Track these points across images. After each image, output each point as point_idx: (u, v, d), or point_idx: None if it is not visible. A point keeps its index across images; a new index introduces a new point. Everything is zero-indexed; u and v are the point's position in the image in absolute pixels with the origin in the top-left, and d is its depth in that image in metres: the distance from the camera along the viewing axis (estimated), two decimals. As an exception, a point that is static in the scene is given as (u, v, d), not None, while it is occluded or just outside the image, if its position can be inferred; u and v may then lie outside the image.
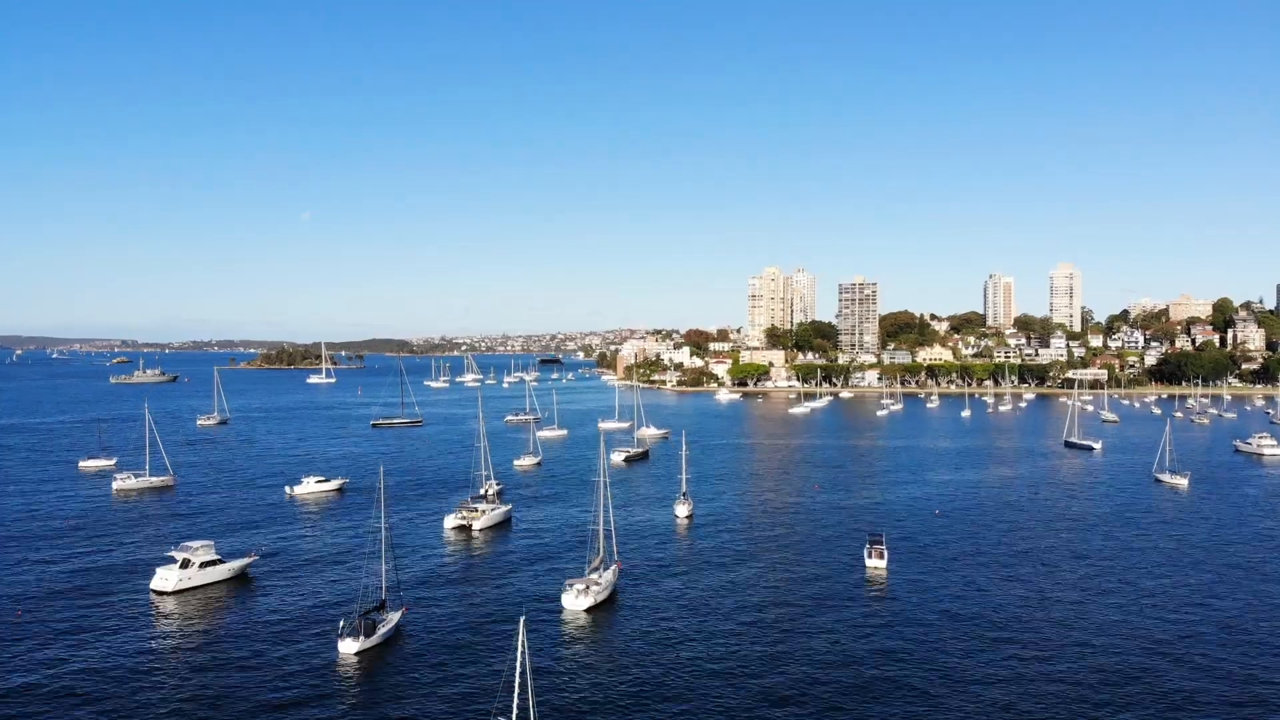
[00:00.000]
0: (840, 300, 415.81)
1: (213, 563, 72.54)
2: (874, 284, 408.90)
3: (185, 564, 71.11)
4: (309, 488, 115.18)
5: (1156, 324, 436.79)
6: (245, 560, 75.47)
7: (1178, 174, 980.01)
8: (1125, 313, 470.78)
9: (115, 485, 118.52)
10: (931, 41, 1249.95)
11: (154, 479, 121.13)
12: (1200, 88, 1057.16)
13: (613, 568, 70.80)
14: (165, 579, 69.98)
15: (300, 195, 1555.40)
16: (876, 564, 77.70)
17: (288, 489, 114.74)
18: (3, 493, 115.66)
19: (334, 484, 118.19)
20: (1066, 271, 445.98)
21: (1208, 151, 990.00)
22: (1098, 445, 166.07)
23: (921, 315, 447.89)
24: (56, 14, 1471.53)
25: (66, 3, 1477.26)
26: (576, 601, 64.42)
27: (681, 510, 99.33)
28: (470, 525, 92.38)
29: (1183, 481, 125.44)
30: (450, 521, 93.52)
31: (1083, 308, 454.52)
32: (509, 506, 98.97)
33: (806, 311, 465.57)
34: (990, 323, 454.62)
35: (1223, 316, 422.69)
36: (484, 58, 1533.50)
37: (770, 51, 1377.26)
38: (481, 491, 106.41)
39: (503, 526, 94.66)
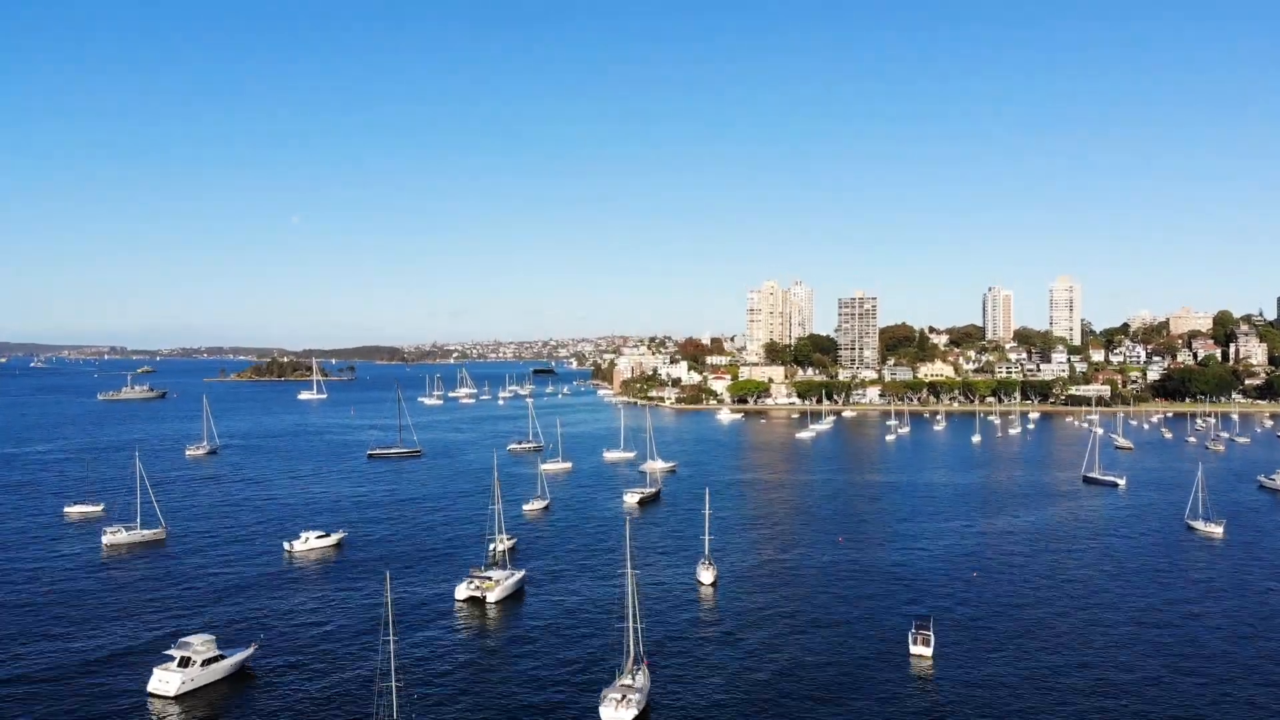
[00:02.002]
0: (840, 315, 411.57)
1: (214, 659, 67.12)
2: (874, 298, 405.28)
3: (185, 662, 65.61)
4: (308, 544, 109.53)
5: (1157, 338, 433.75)
6: (246, 653, 69.90)
7: (1177, 184, 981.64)
8: (1125, 326, 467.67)
9: (105, 540, 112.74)
10: (929, 53, 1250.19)
11: (145, 532, 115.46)
12: (1198, 95, 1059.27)
13: (643, 668, 65.53)
14: (166, 681, 64.37)
15: (290, 198, 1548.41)
16: (922, 651, 72.57)
17: (286, 546, 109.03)
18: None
19: (333, 539, 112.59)
20: (1066, 285, 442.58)
21: (1207, 161, 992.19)
22: (1121, 482, 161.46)
23: (921, 330, 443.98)
24: (44, 17, 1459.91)
25: (53, 6, 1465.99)
26: (617, 715, 59.15)
27: (706, 576, 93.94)
28: (484, 597, 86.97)
29: (1217, 530, 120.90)
30: (461, 592, 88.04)
31: (1082, 320, 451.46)
32: (522, 574, 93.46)
33: (805, 325, 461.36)
34: (990, 336, 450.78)
35: (1223, 330, 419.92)
36: (479, 60, 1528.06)
37: (766, 60, 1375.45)
38: (492, 548, 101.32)
39: (516, 597, 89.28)
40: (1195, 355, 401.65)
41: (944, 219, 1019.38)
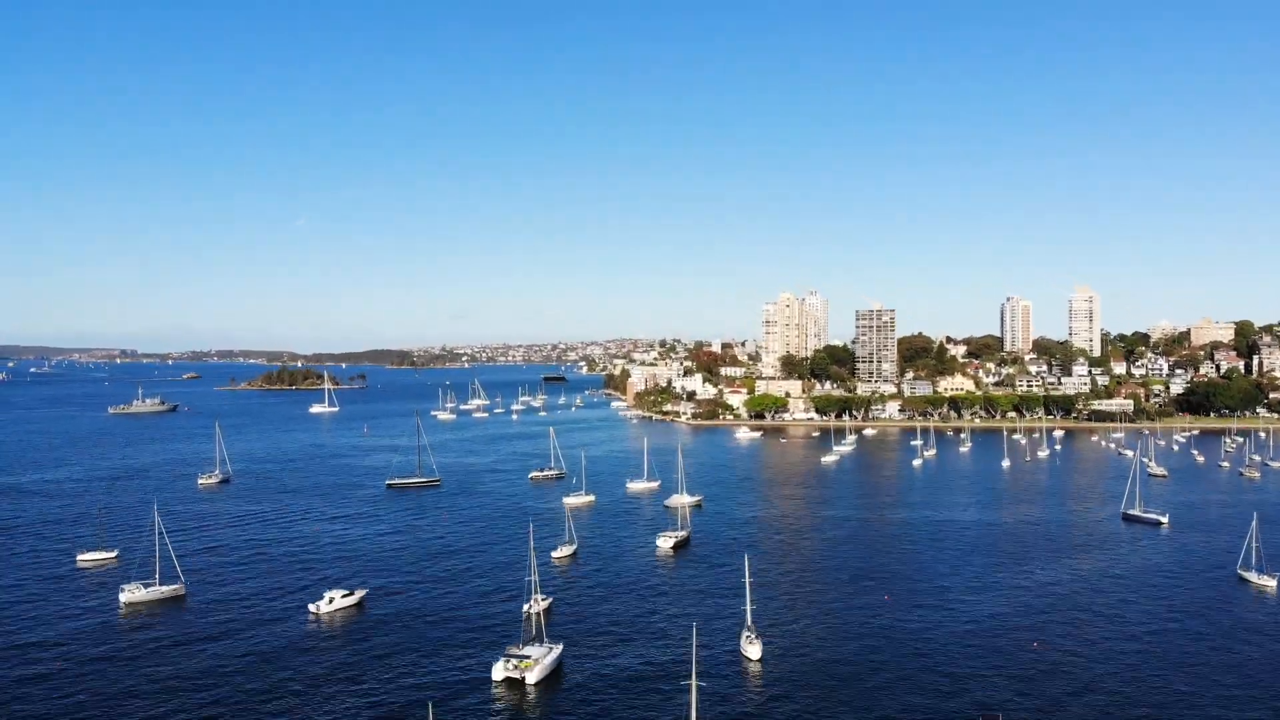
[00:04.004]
0: (857, 327, 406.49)
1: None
2: (892, 311, 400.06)
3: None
4: (334, 605, 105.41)
5: (1179, 349, 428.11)
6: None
7: (1192, 190, 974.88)
8: (1146, 336, 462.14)
9: (122, 598, 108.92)
10: (943, 60, 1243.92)
11: (163, 589, 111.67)
12: (1209, 100, 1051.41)
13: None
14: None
15: (295, 201, 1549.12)
16: (995, 754, 68.15)
17: (311, 608, 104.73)
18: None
19: (356, 597, 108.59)
20: (1085, 295, 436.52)
21: (1222, 166, 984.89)
22: (1164, 520, 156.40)
23: (939, 341, 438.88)
24: (52, 23, 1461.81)
25: (60, 10, 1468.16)
26: None
27: (752, 651, 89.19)
28: (523, 678, 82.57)
29: (1271, 583, 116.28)
30: (498, 672, 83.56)
31: (1102, 331, 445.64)
32: (560, 648, 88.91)
33: (820, 336, 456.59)
34: (1008, 347, 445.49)
35: (1245, 341, 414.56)
36: (485, 61, 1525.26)
37: (774, 62, 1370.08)
38: (527, 608, 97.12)
39: (556, 675, 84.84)
40: (1218, 367, 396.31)
41: (957, 225, 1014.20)
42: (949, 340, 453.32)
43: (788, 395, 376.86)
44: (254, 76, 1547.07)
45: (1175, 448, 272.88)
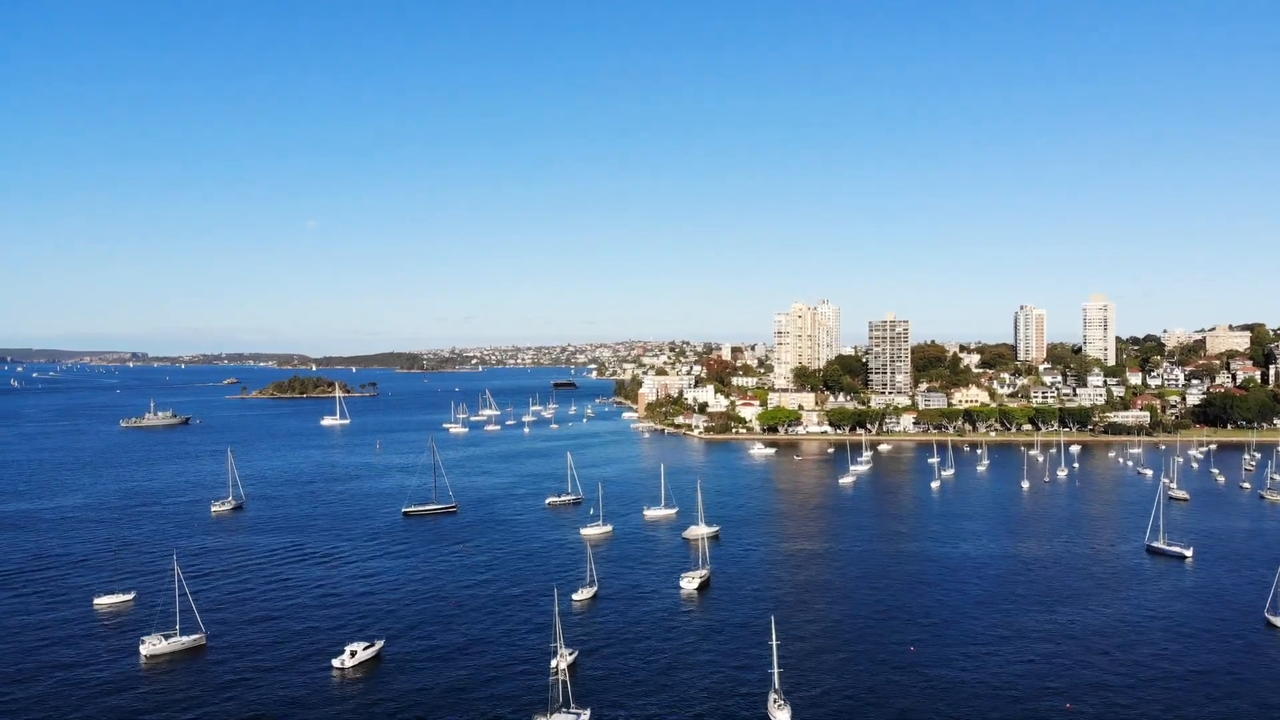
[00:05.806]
0: (871, 338, 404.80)
1: None
2: (905, 322, 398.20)
3: None
4: (356, 659, 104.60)
5: (1194, 358, 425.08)
6: None
7: (1197, 196, 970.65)
8: (1161, 345, 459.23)
9: (143, 650, 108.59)
10: (960, 69, 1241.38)
11: (184, 639, 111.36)
12: (1221, 109, 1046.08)
13: None
14: None
15: (305, 203, 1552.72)
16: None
17: (335, 664, 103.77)
18: (10, 649, 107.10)
19: (376, 648, 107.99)
20: (1100, 303, 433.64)
21: (1233, 173, 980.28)
22: (1188, 554, 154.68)
23: (953, 351, 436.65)
24: (61, 27, 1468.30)
25: (71, 12, 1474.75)
26: None
27: (781, 717, 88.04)
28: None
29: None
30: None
31: (1116, 339, 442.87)
32: (587, 715, 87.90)
33: (832, 345, 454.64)
34: (1022, 356, 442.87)
35: (1261, 349, 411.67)
36: (498, 67, 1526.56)
37: (779, 63, 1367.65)
38: (554, 663, 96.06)
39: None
40: (1234, 377, 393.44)
41: (969, 231, 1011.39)
42: (962, 349, 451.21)
43: (801, 408, 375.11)
44: (265, 80, 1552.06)
45: (1194, 465, 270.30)
